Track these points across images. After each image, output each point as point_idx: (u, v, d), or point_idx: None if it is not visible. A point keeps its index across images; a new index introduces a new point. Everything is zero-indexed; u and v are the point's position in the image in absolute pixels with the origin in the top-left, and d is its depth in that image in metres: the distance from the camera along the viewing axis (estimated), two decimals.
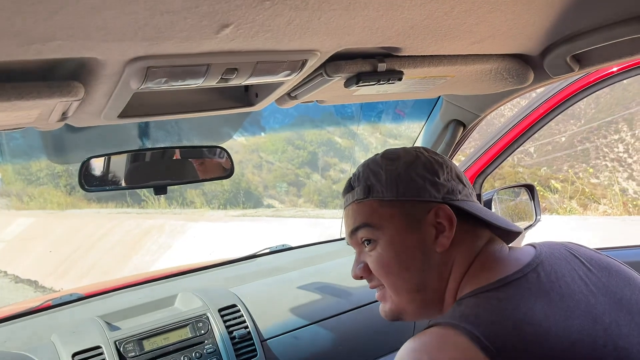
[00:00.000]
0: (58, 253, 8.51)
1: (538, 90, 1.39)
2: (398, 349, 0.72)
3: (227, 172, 1.34)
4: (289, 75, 0.79)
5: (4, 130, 0.86)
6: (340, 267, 1.82)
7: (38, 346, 1.29)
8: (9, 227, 10.32)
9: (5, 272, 8.35)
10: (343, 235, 2.16)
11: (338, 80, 0.87)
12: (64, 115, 0.80)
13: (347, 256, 1.91)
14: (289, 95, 0.98)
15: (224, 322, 1.43)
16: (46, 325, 1.41)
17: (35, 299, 1.64)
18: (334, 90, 0.98)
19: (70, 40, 0.55)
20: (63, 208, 11.27)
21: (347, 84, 0.87)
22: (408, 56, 0.86)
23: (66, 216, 10.74)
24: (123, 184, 1.23)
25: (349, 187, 0.93)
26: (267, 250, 2.02)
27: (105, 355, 1.27)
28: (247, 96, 0.99)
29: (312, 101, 1.09)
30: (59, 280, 7.46)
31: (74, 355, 1.25)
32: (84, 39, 0.56)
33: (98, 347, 1.28)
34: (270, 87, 0.90)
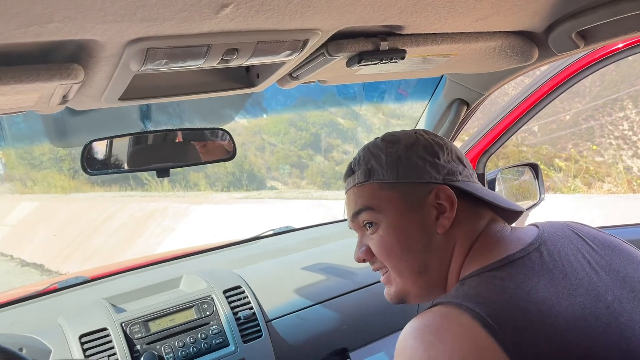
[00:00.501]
0: (63, 237, 8.57)
1: (542, 68, 1.38)
2: (402, 328, 0.73)
3: (230, 154, 1.34)
4: (290, 55, 0.78)
5: (5, 114, 0.85)
6: (344, 248, 1.83)
7: (45, 328, 1.30)
8: (13, 211, 10.38)
9: (11, 256, 8.42)
10: (346, 217, 2.16)
11: (340, 60, 0.86)
12: (64, 99, 0.79)
13: (351, 237, 1.91)
14: (291, 75, 0.97)
15: (229, 303, 1.45)
16: (53, 308, 1.42)
17: (41, 282, 1.65)
18: (335, 70, 0.97)
19: (69, 22, 0.55)
20: (67, 192, 11.31)
21: (349, 63, 0.86)
22: (411, 34, 0.85)
23: (70, 200, 10.79)
24: (125, 167, 1.23)
25: (350, 171, 0.93)
26: (271, 232, 2.02)
27: (112, 336, 1.29)
28: (248, 77, 0.98)
29: (313, 81, 1.08)
30: (64, 264, 7.52)
31: (81, 336, 1.27)
32: (82, 20, 0.55)
33: (105, 329, 1.30)
34: (272, 68, 0.89)
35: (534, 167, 1.91)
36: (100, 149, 1.21)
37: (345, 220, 2.15)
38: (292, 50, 0.77)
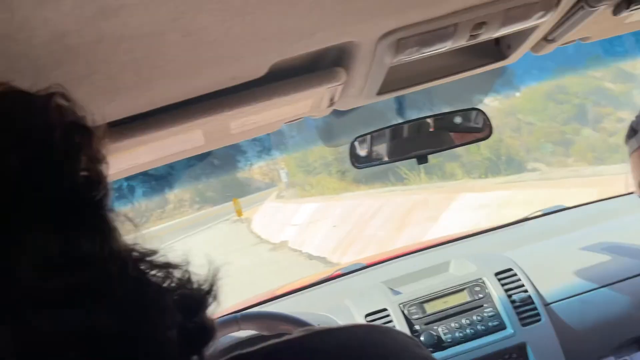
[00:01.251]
0: (339, 231, 9.57)
1: None
2: None
3: (485, 134, 1.31)
4: (543, 16, 0.73)
5: (288, 122, 1.00)
6: (630, 225, 1.61)
7: (335, 308, 1.47)
8: (298, 212, 12.07)
9: (300, 251, 9.79)
10: (628, 190, 1.88)
11: (603, 10, 0.76)
12: (331, 101, 0.90)
13: (637, 212, 1.67)
14: (546, 39, 0.90)
15: (502, 286, 1.41)
16: (339, 291, 1.60)
17: (327, 271, 1.88)
18: (599, 22, 0.86)
19: (329, 29, 0.62)
20: (338, 192, 12.61)
21: (617, 10, 0.76)
22: None
23: (341, 199, 11.98)
24: (387, 158, 1.31)
25: (632, 132, 0.82)
26: (540, 213, 1.90)
27: (392, 316, 1.38)
28: (498, 50, 0.95)
29: (573, 41, 0.98)
30: (343, 256, 8.37)
31: (366, 316, 1.40)
32: (341, 25, 0.62)
33: (385, 310, 1.40)
34: (524, 34, 0.84)
35: None
36: (363, 145, 1.32)
37: (629, 194, 1.88)
38: (545, 11, 0.71)
